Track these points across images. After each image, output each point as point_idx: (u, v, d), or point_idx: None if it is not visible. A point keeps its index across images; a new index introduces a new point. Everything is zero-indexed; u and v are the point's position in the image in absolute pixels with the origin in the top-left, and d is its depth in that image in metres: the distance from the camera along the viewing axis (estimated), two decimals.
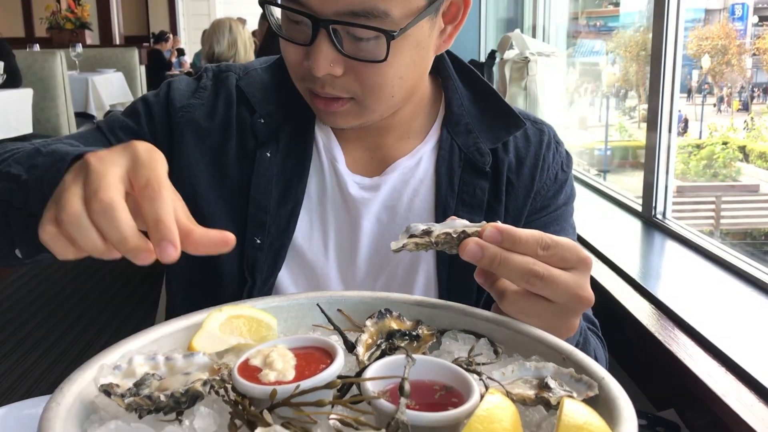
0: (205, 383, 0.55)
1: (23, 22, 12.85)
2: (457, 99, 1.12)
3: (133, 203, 0.63)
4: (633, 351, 1.41)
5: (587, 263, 0.75)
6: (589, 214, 2.20)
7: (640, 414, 1.13)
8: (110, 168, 0.64)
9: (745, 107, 5.23)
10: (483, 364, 0.63)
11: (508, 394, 0.54)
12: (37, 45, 7.60)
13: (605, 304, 1.51)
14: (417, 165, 1.11)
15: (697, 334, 1.27)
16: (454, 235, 0.72)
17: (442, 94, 1.14)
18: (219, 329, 0.68)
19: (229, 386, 0.56)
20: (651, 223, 1.94)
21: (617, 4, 4.67)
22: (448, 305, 0.73)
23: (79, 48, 7.25)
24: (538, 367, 0.61)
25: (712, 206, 4.94)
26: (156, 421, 0.54)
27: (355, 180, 1.09)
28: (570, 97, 4.06)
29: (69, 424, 0.52)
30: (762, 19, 5.05)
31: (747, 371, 1.11)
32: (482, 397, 0.52)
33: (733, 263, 1.56)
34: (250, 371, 0.56)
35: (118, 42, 11.29)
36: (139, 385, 0.56)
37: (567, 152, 1.16)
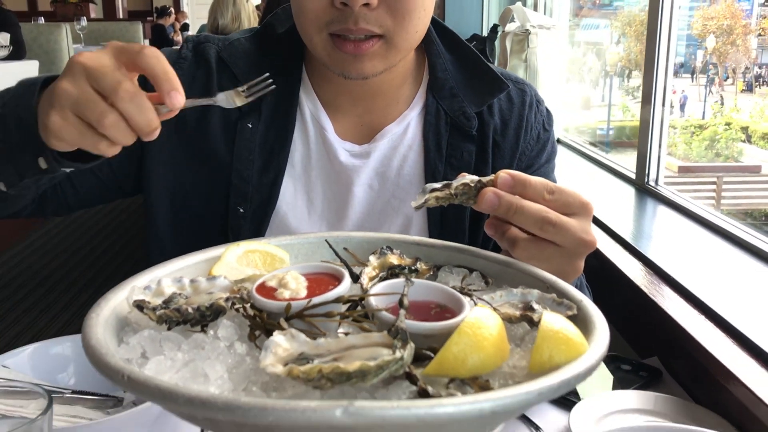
0: (227, 300, 0.62)
1: None
2: (441, 63, 1.15)
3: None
4: (622, 305, 1.48)
5: (588, 208, 0.80)
6: (586, 182, 2.27)
7: (625, 361, 1.21)
8: (105, 59, 0.74)
9: (749, 88, 5.25)
10: (475, 290, 0.70)
11: (495, 310, 0.61)
12: (42, 18, 7.62)
13: (599, 263, 1.58)
14: (405, 131, 1.14)
15: (681, 287, 1.34)
16: (472, 185, 0.77)
17: (425, 59, 1.18)
18: (236, 261, 0.75)
19: (247, 304, 0.63)
20: (644, 189, 2.01)
21: None
22: (444, 244, 0.80)
23: (84, 21, 7.29)
24: (524, 293, 0.68)
25: (714, 186, 4.99)
26: (184, 331, 0.61)
27: (345, 147, 1.12)
28: (572, 73, 4.09)
29: (107, 332, 0.59)
30: None
31: (726, 320, 1.18)
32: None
33: (720, 225, 1.63)
34: (267, 291, 0.63)
35: (121, 16, 11.28)
36: (167, 302, 0.63)
37: (548, 110, 1.21)
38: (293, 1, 1.04)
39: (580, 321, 0.62)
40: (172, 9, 10.92)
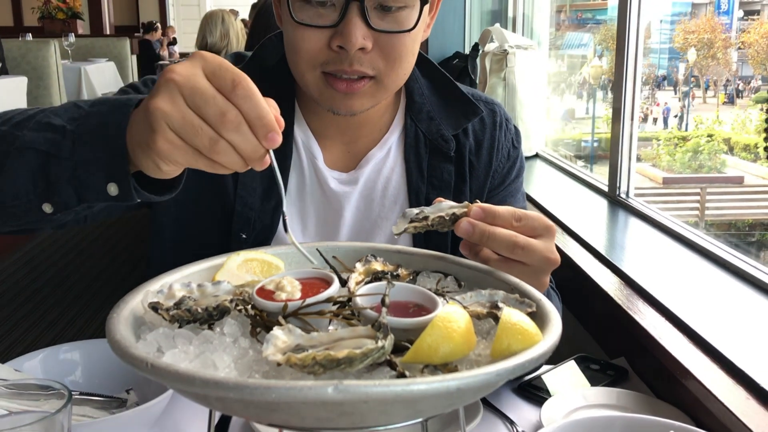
0: (231, 301, 0.71)
1: (12, 12, 12.85)
2: (417, 88, 1.23)
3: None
4: (593, 311, 1.58)
5: (552, 230, 0.90)
6: (560, 194, 2.38)
7: (594, 361, 1.30)
8: (201, 81, 0.71)
9: (731, 100, 5.38)
10: (448, 291, 0.79)
11: (465, 308, 0.70)
12: (30, 34, 7.68)
13: (573, 271, 1.67)
14: (387, 154, 1.21)
15: (648, 294, 1.44)
16: (447, 218, 0.88)
17: (403, 84, 1.24)
18: (237, 269, 0.83)
19: (249, 305, 0.72)
20: (615, 201, 2.12)
21: None
22: (422, 252, 0.89)
23: (72, 37, 7.36)
24: (491, 294, 0.77)
25: (697, 197, 5.09)
26: (194, 329, 0.70)
27: (334, 176, 1.20)
28: (554, 88, 4.20)
29: (127, 329, 0.67)
30: (747, 13, 5.18)
31: (684, 321, 1.28)
32: None
33: (686, 236, 1.73)
34: (266, 293, 0.72)
35: (108, 32, 11.35)
36: (178, 304, 0.72)
37: (516, 127, 1.30)
38: (287, 39, 1.10)
39: (539, 317, 0.71)
40: (158, 24, 11.01)
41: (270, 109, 0.73)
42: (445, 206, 0.90)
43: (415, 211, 0.89)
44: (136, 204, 1.23)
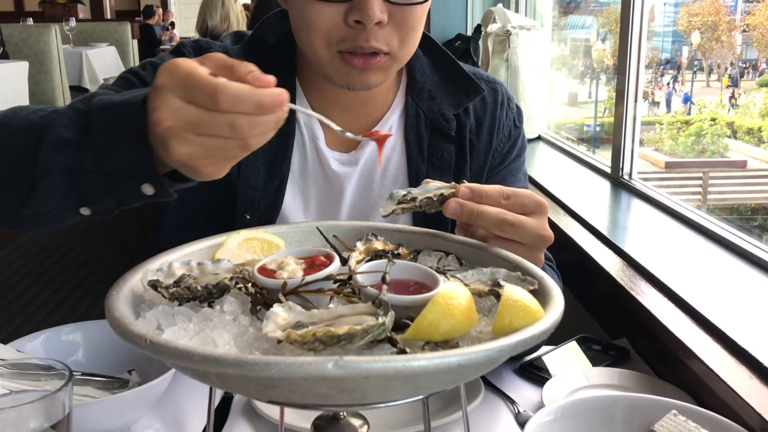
0: (230, 279, 0.70)
1: None
2: (419, 67, 1.23)
3: None
4: (595, 291, 1.58)
5: (544, 207, 0.89)
6: (562, 176, 2.37)
7: (596, 342, 1.30)
8: (191, 70, 0.69)
9: (735, 83, 5.34)
10: (449, 269, 0.78)
11: (466, 286, 0.70)
12: (30, 19, 7.65)
13: (575, 252, 1.67)
14: None
15: (651, 275, 1.43)
16: (434, 198, 0.87)
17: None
18: (237, 247, 0.83)
19: (249, 283, 0.72)
20: (618, 183, 2.11)
21: None
22: (423, 231, 0.88)
23: (73, 22, 7.33)
24: (493, 272, 0.77)
25: (700, 182, 5.07)
26: (193, 306, 0.69)
27: (335, 156, 1.20)
28: (557, 71, 4.17)
29: (126, 307, 0.67)
30: None
31: (686, 301, 1.27)
32: None
33: (688, 216, 1.73)
34: (267, 272, 0.72)
35: (109, 16, 11.31)
36: (178, 282, 0.71)
37: (518, 107, 1.30)
38: (298, 16, 1.08)
39: (541, 294, 0.71)
40: (159, 8, 10.96)
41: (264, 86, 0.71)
42: (432, 187, 0.89)
43: (402, 192, 0.88)
44: None
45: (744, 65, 5.27)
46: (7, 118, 0.89)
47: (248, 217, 1.15)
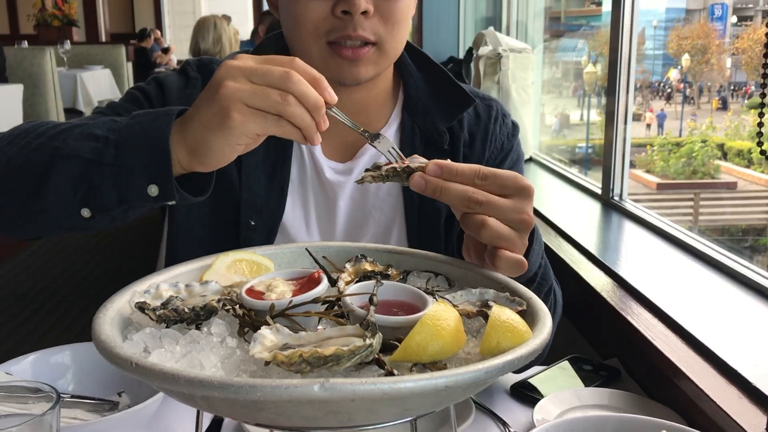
0: (218, 301, 0.70)
1: (8, 19, 12.86)
2: (413, 83, 1.26)
3: None
4: (586, 312, 1.58)
5: (527, 191, 0.85)
6: (554, 197, 2.38)
7: (587, 362, 1.30)
8: (250, 62, 0.82)
9: (725, 105, 5.40)
10: (438, 290, 0.78)
11: (454, 306, 0.70)
12: (25, 41, 7.67)
13: (567, 273, 1.67)
14: None
15: (641, 296, 1.43)
16: (399, 170, 0.86)
17: (401, 80, 1.27)
18: (225, 269, 0.83)
19: (237, 305, 0.72)
20: (609, 204, 2.12)
21: (599, 4, 4.80)
22: (412, 252, 0.89)
23: (68, 45, 7.34)
24: (481, 293, 0.77)
25: (691, 203, 5.11)
26: (180, 329, 0.69)
27: (330, 165, 1.22)
28: (549, 93, 4.20)
29: (113, 329, 0.67)
30: (741, 19, 5.21)
31: (677, 321, 1.27)
32: None
33: (678, 236, 1.74)
34: (255, 294, 0.72)
35: (104, 39, 11.35)
36: (165, 303, 0.71)
37: (514, 122, 1.32)
38: (289, 15, 1.12)
39: (529, 315, 0.71)
40: (155, 31, 10.99)
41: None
42: (415, 163, 0.88)
43: (383, 161, 0.89)
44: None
45: (733, 88, 5.33)
46: (43, 128, 0.98)
47: (253, 223, 1.18)
